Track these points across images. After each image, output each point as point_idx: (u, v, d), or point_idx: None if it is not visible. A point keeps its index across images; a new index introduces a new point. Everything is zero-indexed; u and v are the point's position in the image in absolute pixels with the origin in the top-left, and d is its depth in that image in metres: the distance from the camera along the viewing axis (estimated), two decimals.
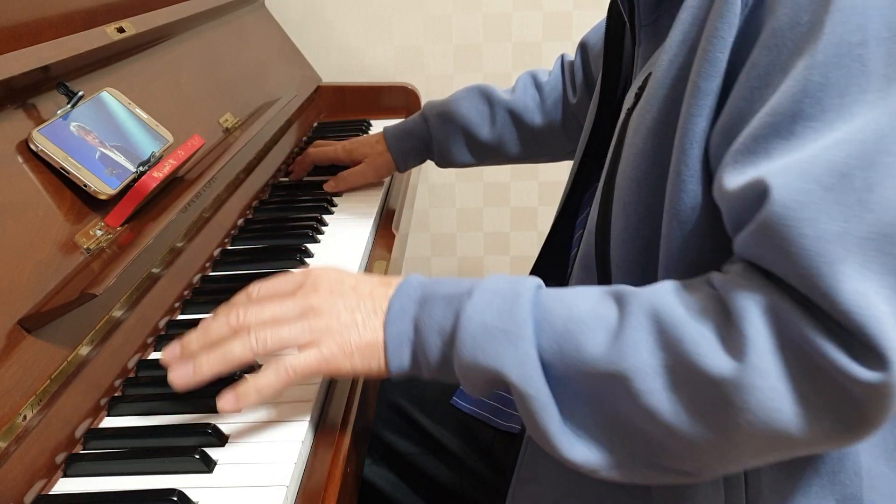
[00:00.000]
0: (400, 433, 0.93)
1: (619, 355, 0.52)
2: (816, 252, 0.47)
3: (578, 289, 0.59)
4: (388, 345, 0.59)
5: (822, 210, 0.47)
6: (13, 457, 0.55)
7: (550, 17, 1.68)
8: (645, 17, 0.67)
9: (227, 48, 1.28)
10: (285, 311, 0.60)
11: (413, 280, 0.62)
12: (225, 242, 0.97)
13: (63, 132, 0.76)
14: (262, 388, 0.59)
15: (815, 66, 0.49)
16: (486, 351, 0.55)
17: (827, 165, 0.48)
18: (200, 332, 0.61)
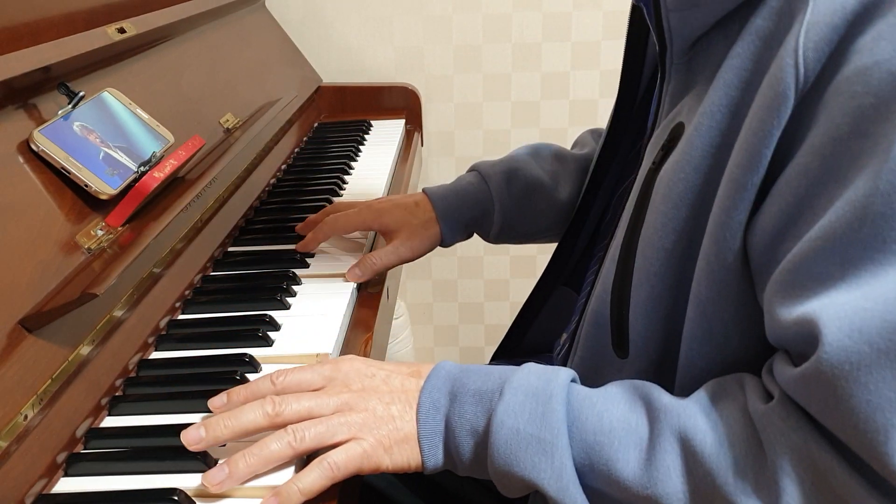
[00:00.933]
0: None
1: (650, 480, 0.52)
2: (868, 417, 0.44)
3: (609, 390, 0.57)
4: (422, 442, 0.58)
5: (875, 375, 0.44)
6: (14, 456, 0.56)
7: (550, 18, 1.68)
8: (677, 58, 0.63)
9: (227, 49, 1.28)
10: (321, 405, 0.59)
11: (442, 371, 0.60)
12: (226, 243, 0.97)
13: (64, 132, 0.76)
14: (306, 489, 0.56)
15: (877, 194, 0.45)
16: (521, 460, 0.54)
17: (883, 326, 0.44)
18: (232, 419, 0.58)
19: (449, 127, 1.77)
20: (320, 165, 1.27)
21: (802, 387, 0.48)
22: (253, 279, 0.88)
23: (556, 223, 0.94)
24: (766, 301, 0.52)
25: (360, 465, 0.57)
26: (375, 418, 0.58)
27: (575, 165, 0.97)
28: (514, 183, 0.93)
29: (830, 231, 0.47)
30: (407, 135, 1.51)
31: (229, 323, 0.79)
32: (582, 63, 1.71)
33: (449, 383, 0.59)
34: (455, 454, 0.58)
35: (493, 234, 0.94)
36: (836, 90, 0.47)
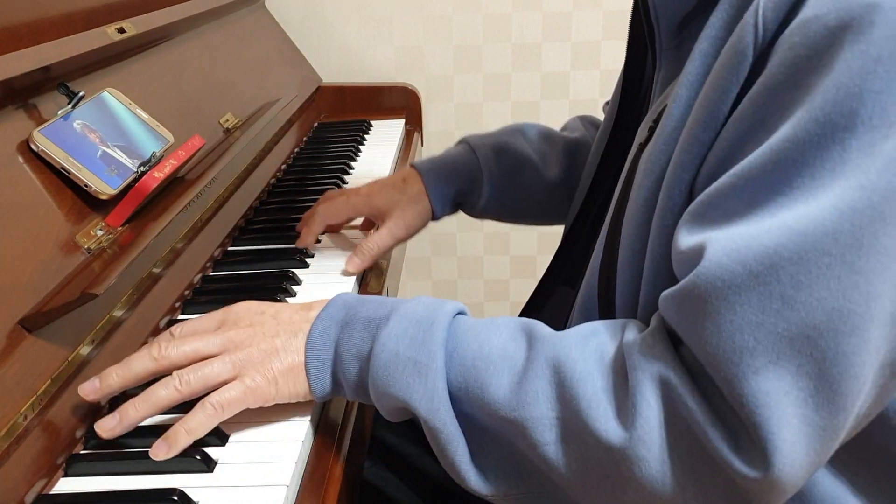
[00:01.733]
0: (400, 434, 0.93)
1: (518, 402, 0.53)
2: (728, 336, 0.46)
3: (496, 320, 0.59)
4: (309, 369, 0.59)
5: (742, 296, 0.46)
6: (14, 456, 0.56)
7: (550, 18, 1.68)
8: (666, 41, 0.64)
9: (227, 49, 1.28)
10: (207, 346, 0.60)
11: (338, 300, 0.62)
12: (226, 242, 0.97)
13: (64, 132, 0.76)
14: (192, 430, 0.58)
15: (793, 141, 0.47)
16: (397, 381, 0.56)
17: (760, 250, 0.46)
18: (122, 368, 0.60)
19: (449, 127, 1.77)
20: (320, 165, 1.27)
21: (676, 303, 0.50)
22: (253, 279, 0.88)
23: (541, 204, 0.95)
24: (674, 234, 0.53)
25: (244, 401, 0.58)
26: (259, 352, 0.59)
27: (562, 147, 0.96)
28: (503, 157, 0.93)
29: (745, 171, 0.48)
30: (407, 135, 1.51)
31: None
32: (582, 63, 1.71)
33: (343, 311, 0.60)
34: (342, 378, 0.59)
35: (479, 206, 0.94)
36: (780, 42, 0.49)
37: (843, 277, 0.45)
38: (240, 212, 1.04)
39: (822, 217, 0.45)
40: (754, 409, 0.46)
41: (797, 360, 0.46)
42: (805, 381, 0.46)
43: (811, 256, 0.45)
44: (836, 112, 0.45)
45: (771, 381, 0.46)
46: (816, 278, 0.45)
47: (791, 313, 0.46)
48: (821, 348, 0.46)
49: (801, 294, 0.45)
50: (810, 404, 0.46)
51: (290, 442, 0.61)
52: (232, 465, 0.59)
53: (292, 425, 0.63)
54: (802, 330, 0.46)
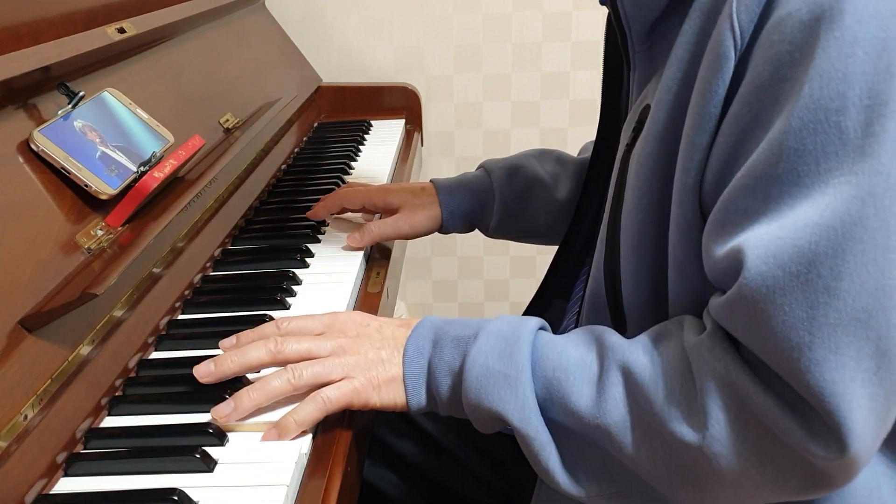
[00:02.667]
0: (400, 434, 0.93)
1: (599, 410, 0.57)
2: (784, 337, 0.49)
3: (571, 334, 0.63)
4: (407, 382, 0.64)
5: (788, 296, 0.49)
6: (14, 456, 0.56)
7: (550, 18, 1.68)
8: (638, 45, 0.67)
9: (227, 49, 1.28)
10: (319, 347, 0.65)
11: (427, 322, 0.67)
12: (226, 242, 0.97)
13: (64, 132, 0.76)
14: (302, 420, 0.61)
15: (790, 132, 0.49)
16: (489, 394, 0.60)
17: (795, 251, 0.49)
18: (238, 355, 0.64)
19: (449, 127, 1.77)
20: (320, 165, 1.27)
21: (728, 312, 0.53)
22: (253, 279, 0.88)
23: (553, 223, 0.98)
24: (703, 243, 0.56)
25: (350, 400, 0.63)
26: (367, 360, 0.64)
27: (573, 168, 1.00)
28: (515, 178, 0.97)
29: (753, 170, 0.51)
30: (407, 135, 1.51)
31: (229, 323, 0.79)
32: (582, 63, 1.71)
33: (433, 332, 0.65)
34: (436, 393, 0.64)
35: (492, 226, 0.98)
36: (760, 43, 0.52)
37: (879, 259, 0.48)
38: (240, 212, 1.04)
39: (846, 208, 0.48)
40: (824, 398, 0.48)
41: (855, 344, 0.48)
42: (867, 362, 0.48)
43: (846, 247, 0.48)
44: (825, 97, 0.48)
45: (835, 370, 0.48)
46: (855, 266, 0.48)
47: (839, 302, 0.48)
48: (874, 328, 0.48)
49: (843, 283, 0.48)
50: (875, 382, 0.49)
51: (290, 442, 0.61)
52: (232, 465, 0.59)
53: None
54: (853, 315, 0.48)
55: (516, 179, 0.97)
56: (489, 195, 0.97)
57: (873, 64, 0.48)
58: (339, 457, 0.62)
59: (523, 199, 0.97)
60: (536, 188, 0.97)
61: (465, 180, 0.99)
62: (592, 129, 1.03)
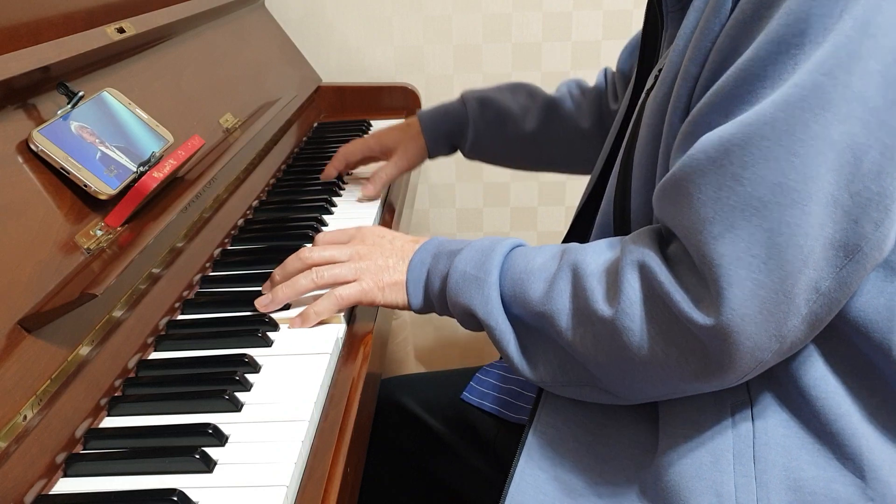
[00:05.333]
0: (401, 431, 0.93)
1: (547, 298, 0.66)
2: (696, 211, 0.57)
3: (544, 246, 0.72)
4: (409, 286, 0.76)
5: (706, 178, 0.56)
6: (13, 457, 0.56)
7: (550, 18, 1.68)
8: (672, 4, 0.74)
9: (227, 48, 1.28)
10: (339, 254, 0.79)
11: (434, 240, 0.78)
12: (225, 243, 0.97)
13: (63, 132, 0.76)
14: (320, 312, 0.76)
15: (756, 59, 0.57)
16: (462, 292, 0.71)
17: (718, 140, 0.56)
18: (281, 269, 0.81)
19: None
20: (320, 165, 1.27)
21: (660, 191, 0.61)
22: (253, 279, 0.88)
23: (520, 152, 1.15)
24: (672, 158, 0.63)
25: (359, 298, 0.76)
26: (376, 266, 0.77)
27: (542, 103, 1.13)
28: (487, 108, 1.13)
29: (720, 89, 0.59)
30: None
31: (229, 323, 0.79)
32: (582, 63, 1.71)
33: (435, 247, 0.76)
34: (431, 294, 0.75)
35: (467, 148, 1.16)
36: None
37: (781, 158, 0.55)
38: (239, 212, 1.04)
39: (763, 110, 0.55)
40: (713, 268, 0.56)
41: (748, 228, 0.55)
42: (757, 248, 0.55)
43: (754, 141, 0.55)
44: (788, 33, 0.55)
45: (727, 245, 0.56)
46: (759, 159, 0.55)
47: (740, 188, 0.55)
48: (767, 218, 0.55)
49: (747, 172, 0.55)
50: (763, 270, 0.55)
51: (290, 442, 0.61)
52: (232, 465, 0.59)
53: (292, 425, 0.63)
54: (750, 202, 0.55)
55: (488, 109, 1.13)
56: (464, 121, 1.14)
57: (831, 8, 0.54)
58: (339, 457, 0.62)
59: (494, 127, 1.13)
60: (506, 119, 1.13)
61: (443, 109, 1.16)
62: None
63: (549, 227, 1.85)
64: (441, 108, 1.16)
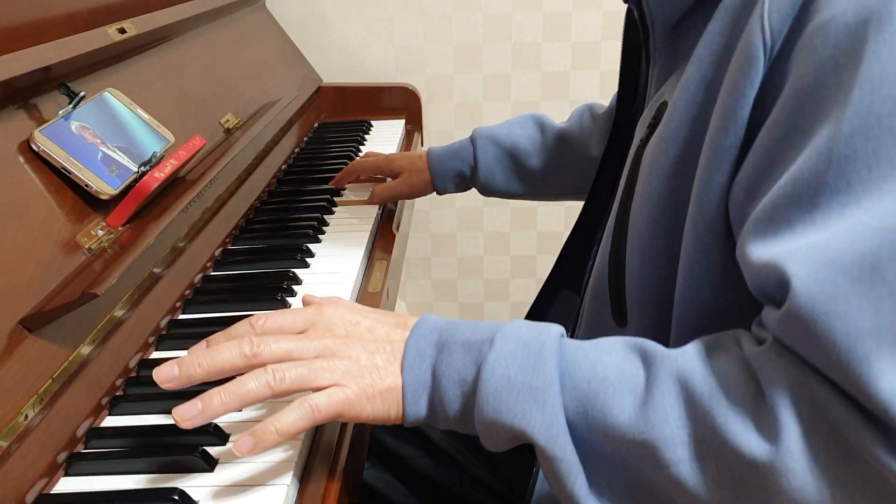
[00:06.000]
0: (398, 436, 0.93)
1: (646, 423, 0.51)
2: (849, 348, 0.44)
3: (601, 342, 0.57)
4: (406, 391, 0.56)
5: (851, 304, 0.45)
6: (15, 456, 0.56)
7: (550, 18, 1.68)
8: (660, 42, 0.66)
9: (228, 49, 1.28)
10: (302, 349, 0.57)
11: (429, 321, 0.59)
12: (226, 242, 0.97)
13: (64, 132, 0.76)
14: (284, 429, 0.54)
15: (840, 138, 0.46)
16: (511, 408, 0.53)
17: (855, 256, 0.45)
18: (206, 358, 0.56)
19: (449, 127, 1.77)
20: (320, 165, 1.28)
21: (786, 327, 0.48)
22: (253, 279, 0.88)
23: (534, 186, 1.11)
24: (739, 250, 0.53)
25: (340, 410, 0.56)
26: (359, 367, 0.57)
27: (552, 135, 1.10)
28: (495, 145, 1.10)
29: (798, 177, 0.48)
30: (407, 135, 1.51)
31: (230, 323, 0.78)
32: (582, 63, 1.72)
33: (436, 334, 0.58)
34: (439, 405, 0.56)
35: (479, 186, 1.13)
36: (800, 47, 0.50)
37: None
38: (240, 211, 1.04)
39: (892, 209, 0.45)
40: (889, 410, 0.44)
41: None
42: None
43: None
44: (876, 101, 0.46)
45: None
46: None
47: None
48: None
49: None
50: None
51: (290, 442, 0.61)
52: (232, 465, 0.59)
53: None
54: None
55: (497, 147, 1.10)
56: (472, 160, 1.10)
57: None
58: (340, 457, 0.62)
59: (503, 164, 1.10)
60: (516, 155, 1.09)
61: (453, 148, 1.12)
62: None
63: (549, 227, 1.85)
64: (451, 147, 1.14)
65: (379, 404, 0.57)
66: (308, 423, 0.55)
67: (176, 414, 0.55)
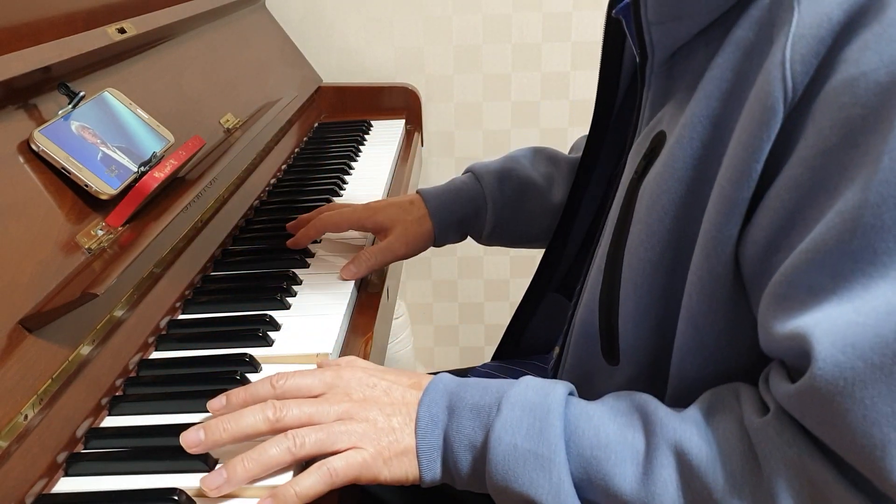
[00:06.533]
0: None
1: (647, 494, 0.52)
2: (865, 432, 0.44)
3: (605, 402, 0.57)
4: (421, 456, 0.58)
5: (871, 390, 0.44)
6: (14, 456, 0.56)
7: (550, 18, 1.68)
8: (658, 67, 0.63)
9: (228, 49, 1.28)
10: (322, 413, 0.58)
11: (440, 384, 0.60)
12: (226, 242, 0.97)
13: (64, 132, 0.76)
14: (303, 493, 0.55)
15: (867, 206, 0.44)
16: (519, 476, 0.54)
17: (877, 341, 0.44)
18: (231, 423, 0.58)
19: (449, 127, 1.77)
20: (320, 165, 1.28)
21: (798, 402, 0.48)
22: (253, 279, 0.88)
23: (549, 227, 0.94)
24: (760, 314, 0.52)
25: (358, 473, 0.57)
26: (376, 429, 0.58)
27: (567, 168, 0.97)
28: (506, 183, 0.93)
29: (821, 243, 0.46)
30: (407, 135, 1.51)
31: (229, 323, 0.79)
32: (582, 63, 1.71)
33: (447, 397, 0.59)
34: (453, 468, 0.58)
35: (485, 234, 0.94)
36: (824, 102, 0.47)
37: None
38: (240, 212, 1.04)
39: None
40: None
41: None
42: None
43: None
44: None
45: None
46: None
47: None
48: None
49: None
50: None
51: None
52: None
53: None
54: None
55: (508, 184, 0.93)
56: (481, 202, 0.93)
57: None
58: None
59: (516, 204, 0.93)
60: (529, 192, 0.93)
61: (454, 189, 0.93)
62: None
63: None
64: (451, 188, 0.94)
65: (396, 466, 0.58)
66: (326, 486, 0.56)
67: (203, 484, 0.56)
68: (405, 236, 0.90)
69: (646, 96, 0.65)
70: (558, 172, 0.96)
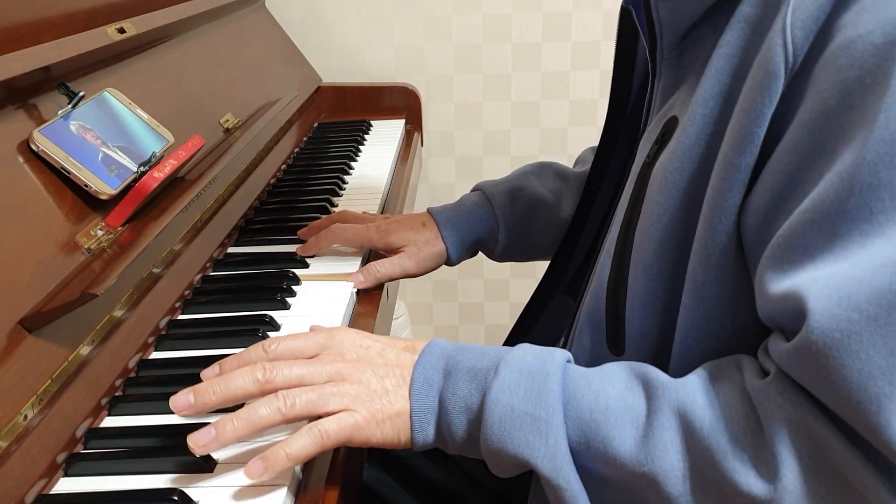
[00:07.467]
0: None
1: (647, 456, 0.51)
2: (860, 386, 0.43)
3: (605, 369, 0.57)
4: (414, 418, 0.57)
5: (866, 342, 0.43)
6: (14, 456, 0.56)
7: (550, 18, 1.68)
8: (667, 52, 0.63)
9: (227, 49, 1.28)
10: (313, 374, 0.58)
11: (437, 347, 0.60)
12: (226, 242, 0.97)
13: (64, 132, 0.76)
14: (294, 454, 0.55)
15: (863, 164, 0.44)
16: (515, 438, 0.54)
17: (872, 292, 0.43)
18: (221, 385, 0.57)
19: (449, 127, 1.77)
20: (320, 165, 1.28)
21: (795, 360, 0.47)
22: (253, 279, 0.88)
23: (560, 239, 0.94)
24: (757, 278, 0.52)
25: (350, 435, 0.56)
26: (369, 391, 0.58)
27: (577, 183, 0.97)
28: (517, 201, 0.94)
29: (818, 203, 0.46)
30: (407, 135, 1.51)
31: (229, 323, 0.79)
32: (582, 63, 1.71)
33: (443, 360, 0.58)
34: (447, 432, 0.57)
35: (497, 252, 0.95)
36: (823, 65, 0.48)
37: None
38: (240, 212, 1.04)
39: None
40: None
41: None
42: None
43: None
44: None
45: None
46: None
47: None
48: None
49: None
50: None
51: None
52: (232, 465, 0.59)
53: (292, 426, 0.63)
54: None
55: (519, 203, 0.93)
56: (493, 223, 0.93)
57: None
58: (339, 458, 0.62)
59: (528, 222, 0.94)
60: (540, 209, 0.94)
61: (465, 210, 0.94)
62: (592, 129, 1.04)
63: None
64: (462, 209, 0.94)
65: (388, 429, 0.57)
66: (318, 448, 0.56)
67: (191, 441, 0.56)
68: (418, 255, 0.91)
69: (657, 86, 0.65)
70: (567, 187, 0.96)
